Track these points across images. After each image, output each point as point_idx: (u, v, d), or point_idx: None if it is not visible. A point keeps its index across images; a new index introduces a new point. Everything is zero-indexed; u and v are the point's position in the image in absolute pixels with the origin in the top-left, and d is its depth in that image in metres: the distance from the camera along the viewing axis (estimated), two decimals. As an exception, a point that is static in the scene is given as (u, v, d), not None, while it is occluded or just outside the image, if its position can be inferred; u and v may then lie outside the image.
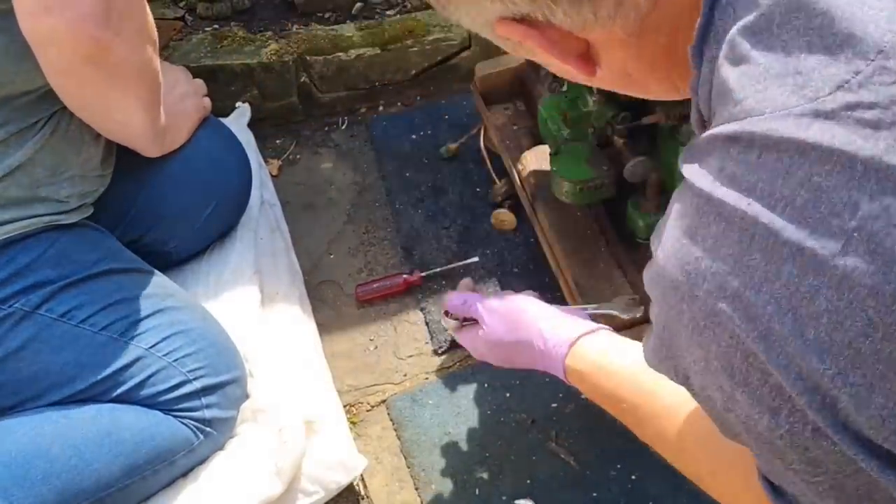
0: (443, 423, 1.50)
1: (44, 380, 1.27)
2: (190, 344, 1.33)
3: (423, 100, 2.04)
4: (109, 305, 1.29)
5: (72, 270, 1.28)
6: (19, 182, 1.26)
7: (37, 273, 1.25)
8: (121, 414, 1.27)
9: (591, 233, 1.48)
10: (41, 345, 1.25)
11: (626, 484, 1.40)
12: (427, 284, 1.68)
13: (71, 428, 1.25)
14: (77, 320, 1.26)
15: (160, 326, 1.31)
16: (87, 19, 1.14)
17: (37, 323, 1.25)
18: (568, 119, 1.42)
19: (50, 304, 1.25)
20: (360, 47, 1.94)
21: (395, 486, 1.44)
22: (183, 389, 1.30)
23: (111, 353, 1.28)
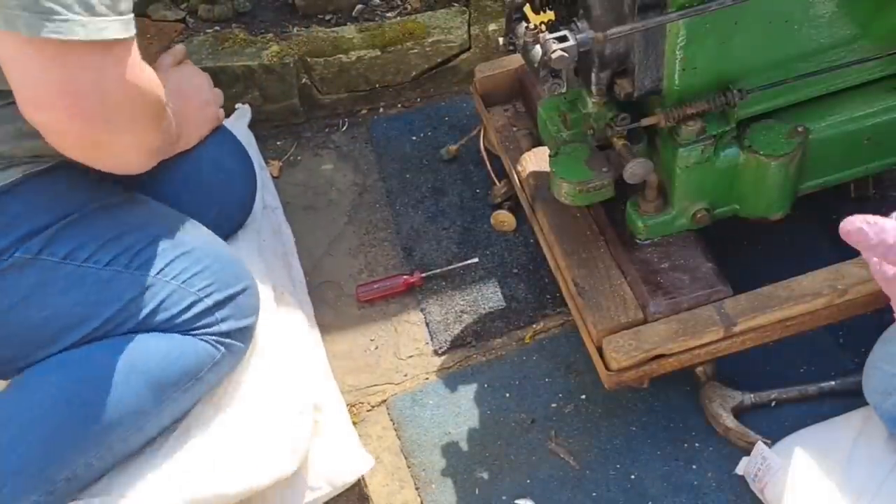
0: (443, 423, 1.51)
1: (56, 323, 1.27)
2: (196, 263, 1.33)
3: (423, 101, 2.04)
4: (110, 240, 1.28)
5: (66, 211, 1.27)
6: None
7: (32, 220, 1.24)
8: (141, 344, 1.29)
9: (591, 233, 1.48)
10: (48, 289, 1.25)
11: (625, 483, 1.40)
12: (427, 285, 1.69)
13: (96, 369, 1.26)
14: (80, 259, 1.26)
15: (164, 251, 1.31)
16: (82, 120, 1.11)
17: (40, 268, 1.24)
18: (567, 120, 1.42)
19: (50, 247, 1.24)
20: (361, 49, 1.94)
21: (395, 486, 1.45)
22: (196, 308, 1.32)
23: (119, 286, 1.28)
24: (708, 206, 1.40)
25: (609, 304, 1.38)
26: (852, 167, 1.43)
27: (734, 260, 1.49)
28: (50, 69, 1.05)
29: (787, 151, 1.33)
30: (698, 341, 1.34)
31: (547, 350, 1.57)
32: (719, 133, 1.32)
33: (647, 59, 1.24)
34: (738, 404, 1.42)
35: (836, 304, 1.36)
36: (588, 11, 1.22)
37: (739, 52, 1.26)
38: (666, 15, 1.17)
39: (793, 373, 1.48)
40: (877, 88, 1.38)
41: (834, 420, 1.36)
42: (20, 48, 1.04)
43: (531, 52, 1.24)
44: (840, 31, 1.29)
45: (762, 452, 1.31)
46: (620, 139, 1.35)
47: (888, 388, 1.24)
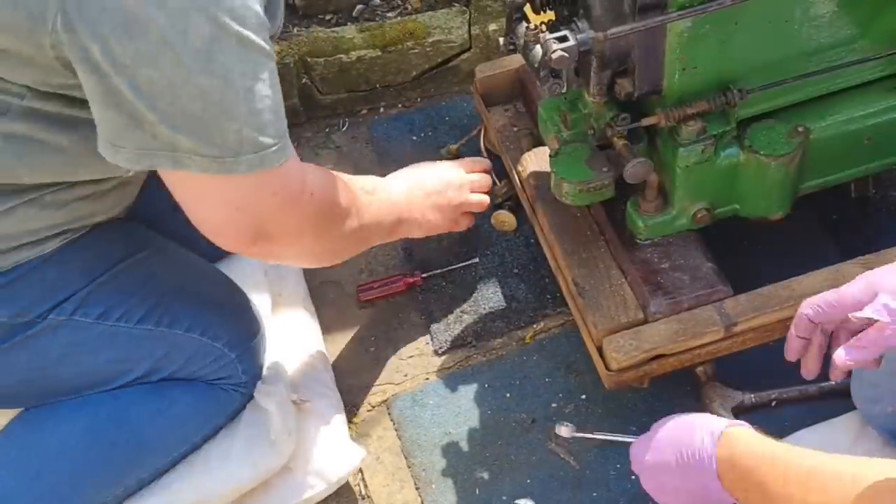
0: (443, 423, 1.51)
1: (86, 380, 1.29)
2: (218, 314, 1.35)
3: (423, 101, 2.04)
4: (141, 297, 1.29)
5: (100, 270, 1.27)
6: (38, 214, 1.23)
7: (67, 284, 1.24)
8: (169, 391, 1.32)
9: (591, 233, 1.48)
10: (80, 348, 1.26)
11: (625, 483, 1.40)
12: (428, 285, 1.69)
13: (124, 411, 1.29)
14: (113, 319, 1.26)
15: (190, 304, 1.33)
16: (241, 241, 1.14)
17: (73, 328, 1.24)
18: (568, 120, 1.42)
19: (84, 308, 1.24)
20: (361, 49, 1.94)
21: (395, 486, 1.45)
22: (220, 362, 1.34)
23: (150, 344, 1.29)
24: (708, 206, 1.40)
25: (609, 304, 1.38)
26: (852, 167, 1.43)
27: (734, 260, 1.49)
28: (230, 201, 1.08)
29: (787, 151, 1.33)
30: (699, 341, 1.34)
31: (547, 350, 1.57)
32: (719, 133, 1.32)
33: (648, 59, 1.24)
34: (738, 404, 1.42)
35: (836, 303, 1.35)
36: (588, 11, 1.22)
37: (740, 52, 1.26)
38: (666, 15, 1.17)
39: (793, 373, 1.48)
40: (877, 88, 1.38)
41: (834, 420, 1.36)
42: (204, 185, 1.06)
43: (531, 53, 1.24)
44: (840, 30, 1.29)
45: None
46: (621, 139, 1.35)
47: (874, 396, 1.24)
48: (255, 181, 1.05)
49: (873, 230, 1.60)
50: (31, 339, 1.22)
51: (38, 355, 1.24)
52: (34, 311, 1.21)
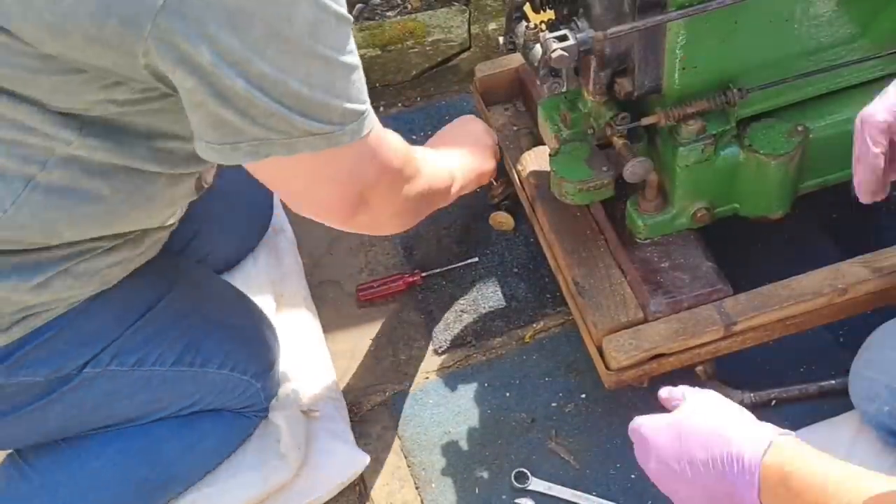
0: (443, 423, 1.51)
1: (120, 420, 1.30)
2: (246, 348, 1.37)
3: (423, 100, 2.04)
4: (173, 337, 1.29)
5: (133, 317, 1.26)
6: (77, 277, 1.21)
7: (102, 335, 1.23)
8: (200, 424, 1.35)
9: (591, 233, 1.48)
10: (116, 396, 1.26)
11: (625, 483, 1.40)
12: (427, 284, 1.69)
13: (156, 447, 1.32)
14: (148, 364, 1.27)
15: (220, 340, 1.34)
16: (348, 213, 1.15)
17: (110, 378, 1.24)
18: (567, 119, 1.42)
19: (120, 357, 1.24)
20: (361, 48, 1.94)
21: (395, 485, 1.45)
22: (247, 393, 1.37)
23: (183, 385, 1.31)
24: (708, 206, 1.40)
25: (609, 304, 1.38)
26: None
27: (734, 259, 1.49)
28: (338, 174, 1.09)
29: (787, 150, 1.33)
30: (698, 340, 1.34)
31: (547, 349, 1.57)
32: (719, 132, 1.32)
33: (647, 59, 1.24)
34: (738, 403, 1.42)
35: (836, 303, 1.36)
36: (588, 10, 1.22)
37: (739, 51, 1.26)
38: (666, 14, 1.17)
39: (793, 372, 1.48)
40: (877, 87, 1.36)
41: (833, 419, 1.36)
42: (313, 165, 1.04)
43: (531, 52, 1.24)
44: (840, 30, 1.29)
45: None
46: (620, 138, 1.35)
47: (870, 394, 1.24)
48: (357, 149, 1.06)
49: (873, 229, 1.60)
50: (67, 393, 1.22)
51: (73, 406, 1.24)
52: (70, 366, 1.21)
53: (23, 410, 1.20)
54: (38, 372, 1.18)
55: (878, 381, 1.22)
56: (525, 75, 1.71)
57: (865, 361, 1.27)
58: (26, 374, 1.17)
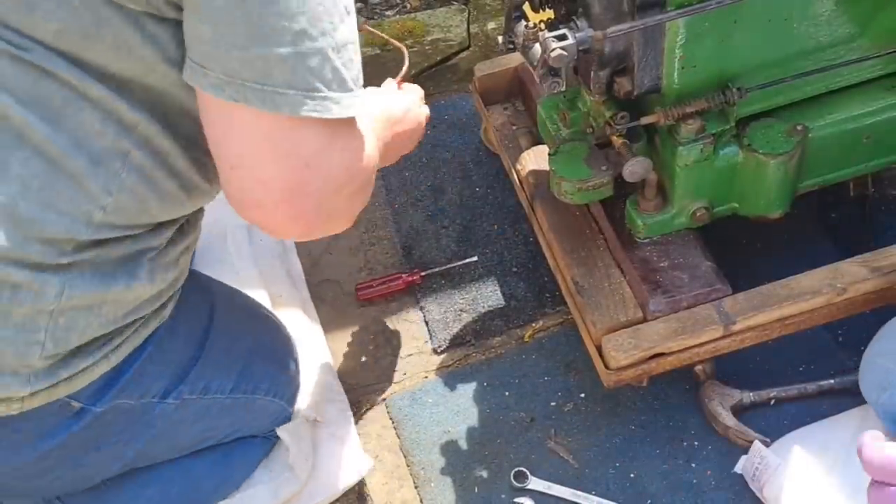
0: (442, 422, 1.51)
1: (171, 451, 1.30)
2: (284, 372, 1.39)
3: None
4: (229, 363, 1.29)
5: (199, 339, 1.25)
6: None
7: (180, 360, 1.22)
8: (234, 458, 1.36)
9: (590, 232, 1.48)
10: (183, 423, 1.26)
11: (624, 482, 1.40)
12: (427, 283, 1.69)
13: (195, 486, 1.33)
14: (212, 392, 1.26)
15: (265, 365, 1.34)
16: (265, 198, 0.97)
17: (183, 406, 1.23)
18: (567, 119, 1.42)
19: (192, 385, 1.23)
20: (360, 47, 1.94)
21: (394, 485, 1.45)
22: (279, 417, 1.39)
23: (236, 412, 1.31)
24: (707, 205, 1.40)
25: (608, 303, 1.38)
26: (851, 166, 1.43)
27: (733, 258, 1.49)
28: (287, 149, 0.94)
29: (786, 150, 1.33)
30: (697, 340, 1.34)
31: (546, 349, 1.58)
32: (718, 131, 1.32)
33: (647, 58, 1.24)
34: (737, 403, 1.42)
35: (835, 302, 1.36)
36: (587, 10, 1.22)
37: (739, 51, 1.26)
38: (665, 13, 1.17)
39: (792, 371, 1.49)
40: (876, 87, 1.38)
41: (832, 419, 1.36)
42: (261, 127, 0.92)
43: (530, 51, 1.24)
44: (839, 29, 1.29)
45: (760, 451, 1.31)
46: (620, 137, 1.35)
47: (884, 382, 1.24)
48: (335, 130, 0.95)
49: (872, 229, 1.60)
50: (147, 425, 1.20)
51: (148, 442, 1.23)
52: (156, 388, 1.19)
53: (109, 444, 1.18)
54: (132, 395, 1.16)
55: (892, 371, 1.22)
56: (524, 74, 1.71)
57: (879, 350, 1.26)
58: (124, 397, 1.15)
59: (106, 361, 1.10)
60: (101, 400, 1.12)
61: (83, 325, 1.05)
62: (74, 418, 1.11)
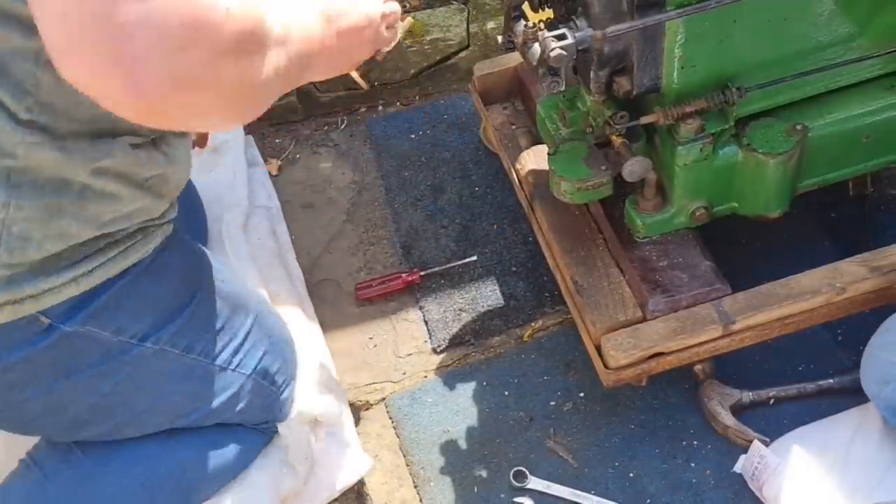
0: (442, 421, 1.51)
1: (154, 414, 1.28)
2: (277, 357, 1.37)
3: (421, 99, 2.04)
4: (217, 331, 1.28)
5: (190, 294, 1.24)
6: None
7: (164, 305, 1.21)
8: (223, 445, 1.34)
9: (590, 231, 1.48)
10: (164, 378, 1.24)
11: (623, 482, 1.40)
12: (426, 283, 1.69)
13: (182, 469, 1.31)
14: (195, 352, 1.25)
15: (256, 345, 1.33)
16: (139, 87, 0.78)
17: (162, 357, 1.22)
18: (566, 118, 1.42)
19: (174, 338, 1.22)
20: (360, 47, 1.94)
21: (394, 484, 1.45)
22: (271, 404, 1.37)
23: (221, 384, 1.29)
24: (706, 204, 1.40)
25: (608, 303, 1.38)
26: (851, 165, 1.43)
27: (733, 258, 1.49)
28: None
29: (785, 149, 1.33)
30: (697, 339, 1.34)
31: (546, 348, 1.58)
32: (718, 131, 1.32)
33: (646, 58, 1.24)
34: (736, 402, 1.42)
35: (834, 302, 1.36)
36: (587, 9, 1.22)
37: (738, 51, 1.26)
38: (665, 13, 1.17)
39: (791, 371, 1.49)
40: (875, 87, 1.38)
41: (831, 418, 1.36)
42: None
43: (530, 51, 1.24)
44: (839, 29, 1.29)
45: (759, 451, 1.31)
46: (619, 137, 1.35)
47: (886, 376, 1.24)
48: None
49: (872, 228, 1.61)
50: (123, 364, 1.20)
51: (125, 382, 1.22)
52: (134, 329, 1.18)
53: (81, 374, 1.17)
54: (106, 326, 1.15)
55: (894, 364, 1.23)
56: (524, 74, 1.71)
57: (881, 343, 1.27)
58: (95, 325, 1.14)
59: (75, 285, 1.10)
60: (70, 319, 1.12)
61: (40, 237, 1.03)
62: (43, 334, 1.11)
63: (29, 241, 1.03)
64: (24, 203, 1.01)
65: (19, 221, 1.02)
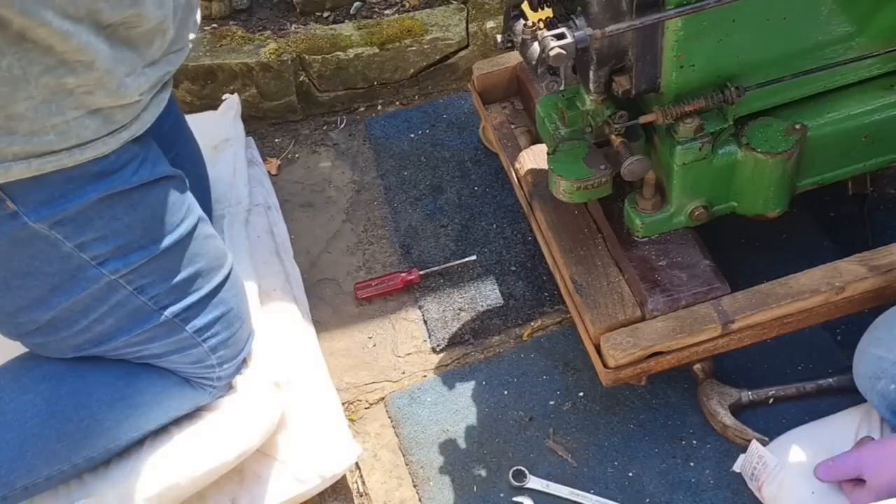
0: (441, 421, 1.51)
1: (89, 334, 1.27)
2: (227, 328, 1.35)
3: (421, 99, 2.04)
4: (178, 282, 1.28)
5: (158, 237, 1.24)
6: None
7: (134, 237, 1.21)
8: (137, 380, 1.32)
9: (589, 231, 1.48)
10: (102, 304, 1.24)
11: (622, 481, 1.40)
12: (425, 283, 1.69)
13: (87, 391, 1.29)
14: (147, 295, 1.25)
15: (208, 309, 1.32)
16: None
17: (112, 289, 1.23)
18: (565, 118, 1.42)
19: (131, 276, 1.23)
20: (359, 46, 1.94)
21: (393, 483, 1.45)
22: (209, 371, 1.36)
23: (156, 330, 1.29)
24: (706, 204, 1.40)
25: (607, 302, 1.38)
26: (850, 164, 1.43)
27: (732, 257, 1.50)
28: None
29: (784, 149, 1.33)
30: (696, 339, 1.34)
31: (545, 347, 1.58)
32: (717, 130, 1.32)
33: (645, 57, 1.24)
34: (735, 402, 1.42)
35: (833, 301, 1.36)
36: (586, 9, 1.22)
37: (737, 50, 1.26)
38: (664, 12, 1.17)
39: (790, 370, 1.49)
40: (875, 86, 1.38)
41: (829, 417, 1.36)
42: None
43: (529, 50, 1.24)
44: (838, 28, 1.29)
45: (758, 451, 1.31)
46: (618, 136, 1.35)
47: (877, 371, 1.24)
48: None
49: (871, 227, 1.61)
50: (75, 282, 1.20)
51: (69, 304, 1.22)
52: (94, 251, 1.19)
53: (35, 280, 1.18)
54: (70, 237, 1.16)
55: (886, 359, 1.23)
56: (523, 73, 1.71)
57: (874, 339, 1.27)
58: (60, 232, 1.15)
59: (27, 165, 1.10)
60: (37, 214, 1.13)
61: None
62: (7, 219, 1.12)
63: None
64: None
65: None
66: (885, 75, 1.37)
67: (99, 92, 1.12)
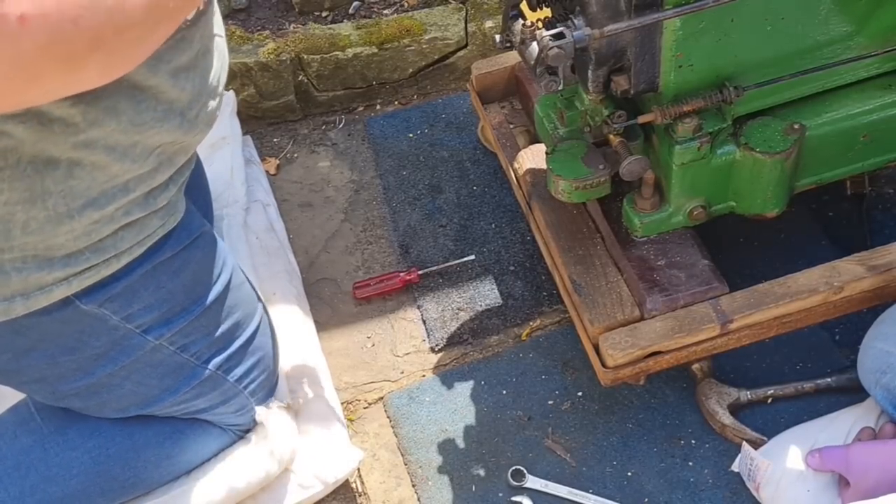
0: (440, 420, 1.51)
1: (134, 398, 1.28)
2: (263, 371, 1.37)
3: (420, 99, 2.04)
4: (217, 337, 1.28)
5: (199, 297, 1.25)
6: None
7: (176, 302, 1.22)
8: (184, 438, 1.34)
9: (587, 231, 1.48)
10: (147, 368, 1.24)
11: (622, 481, 1.41)
12: (424, 282, 1.69)
13: (135, 451, 1.31)
14: (189, 353, 1.26)
15: (246, 357, 1.33)
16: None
17: (156, 351, 1.23)
18: (564, 117, 1.42)
19: (174, 336, 1.23)
20: (358, 46, 1.94)
21: (392, 483, 1.45)
22: (244, 414, 1.37)
23: (202, 386, 1.30)
24: (704, 203, 1.40)
25: (605, 302, 1.38)
26: (849, 164, 1.44)
27: (730, 257, 1.50)
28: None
29: (783, 148, 1.33)
30: (694, 338, 1.34)
31: (543, 347, 1.58)
32: (715, 130, 1.32)
33: (644, 57, 1.24)
34: (734, 401, 1.42)
35: (831, 301, 1.36)
36: (584, 8, 1.22)
37: (736, 50, 1.26)
38: (662, 12, 1.17)
39: (789, 370, 1.49)
40: (873, 86, 1.38)
41: (830, 416, 1.36)
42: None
43: (528, 50, 1.24)
44: (836, 28, 1.29)
45: (749, 453, 1.31)
46: (617, 136, 1.35)
47: (882, 365, 1.24)
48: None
49: (869, 227, 1.61)
50: (121, 351, 1.20)
51: (116, 370, 1.22)
52: (140, 319, 1.19)
53: (83, 353, 1.18)
54: (119, 311, 1.16)
55: (892, 354, 1.23)
56: (521, 73, 1.71)
57: (879, 334, 1.27)
58: (110, 308, 1.15)
59: (67, 286, 1.10)
60: (89, 298, 1.13)
61: (24, 219, 1.02)
62: (59, 305, 1.12)
63: (12, 222, 1.02)
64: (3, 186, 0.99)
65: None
66: (883, 75, 1.37)
67: (135, 209, 1.13)
